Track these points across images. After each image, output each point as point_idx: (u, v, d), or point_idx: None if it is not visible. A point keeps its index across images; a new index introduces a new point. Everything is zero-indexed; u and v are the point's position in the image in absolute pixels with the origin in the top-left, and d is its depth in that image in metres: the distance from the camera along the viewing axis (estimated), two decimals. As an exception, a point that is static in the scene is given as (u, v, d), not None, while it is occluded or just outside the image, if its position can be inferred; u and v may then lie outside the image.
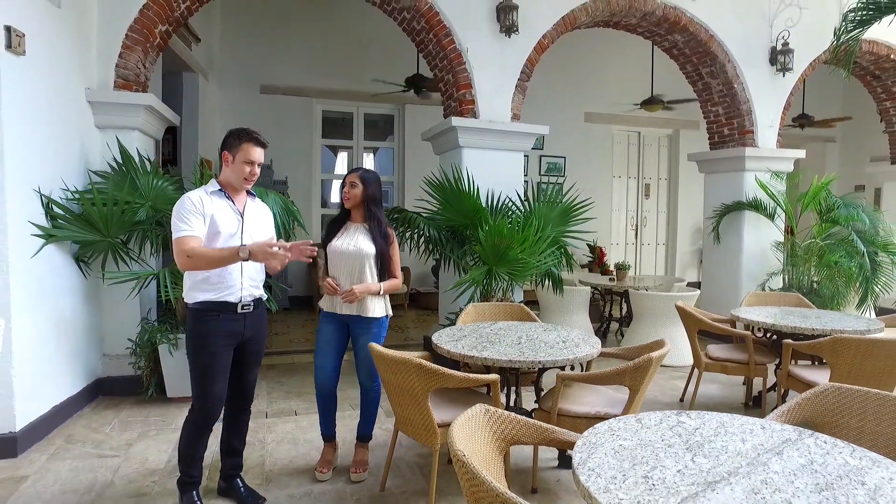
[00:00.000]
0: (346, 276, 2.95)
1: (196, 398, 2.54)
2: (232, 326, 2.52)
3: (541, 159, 9.42)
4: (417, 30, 5.36)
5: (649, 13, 5.87)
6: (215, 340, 2.48)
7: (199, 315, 2.47)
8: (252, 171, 2.52)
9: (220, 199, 2.52)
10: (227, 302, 2.49)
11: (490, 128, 5.12)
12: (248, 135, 2.51)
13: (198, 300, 2.47)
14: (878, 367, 3.10)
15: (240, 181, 2.53)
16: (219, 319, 2.48)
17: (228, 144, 2.52)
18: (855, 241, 5.48)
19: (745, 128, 6.47)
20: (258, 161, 2.53)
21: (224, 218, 2.49)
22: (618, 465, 1.55)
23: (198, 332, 2.48)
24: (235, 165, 2.50)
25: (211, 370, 2.49)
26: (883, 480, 1.49)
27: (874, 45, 6.76)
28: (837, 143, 11.47)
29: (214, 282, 2.47)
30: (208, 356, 2.48)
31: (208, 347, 2.47)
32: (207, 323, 2.47)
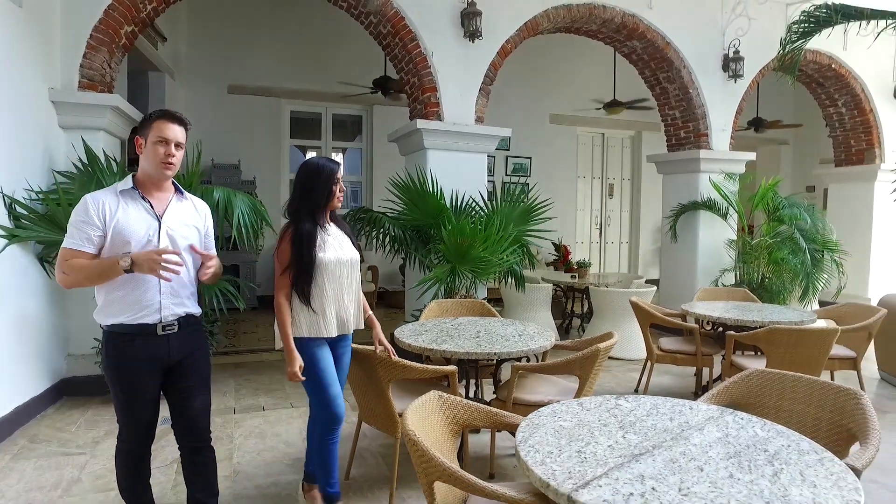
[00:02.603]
0: (346, 293, 2.55)
1: (123, 427, 2.20)
2: (153, 351, 2.13)
3: (507, 160, 9.63)
4: (384, 34, 5.48)
5: (608, 20, 6.10)
6: (133, 368, 2.12)
7: (112, 340, 2.11)
8: (168, 152, 2.10)
9: (133, 199, 2.12)
10: (143, 324, 2.11)
11: (454, 130, 5.27)
12: (161, 111, 2.15)
13: (108, 323, 2.10)
14: (807, 354, 3.36)
15: (156, 167, 2.11)
16: (134, 345, 2.10)
17: (140, 128, 2.15)
18: (797, 239, 5.80)
19: (700, 131, 6.76)
20: (174, 140, 2.11)
21: (134, 223, 2.09)
22: (555, 442, 1.72)
23: (112, 359, 2.12)
24: (148, 149, 2.10)
25: (133, 401, 2.15)
26: (782, 447, 1.69)
27: (817, 55, 7.14)
28: (791, 145, 11.98)
29: (128, 303, 2.09)
30: (127, 385, 2.13)
31: (125, 376, 2.12)
32: (121, 349, 2.10)
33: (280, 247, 2.45)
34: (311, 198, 2.48)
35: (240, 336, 6.37)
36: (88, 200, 2.07)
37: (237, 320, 7.11)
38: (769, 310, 4.32)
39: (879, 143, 7.81)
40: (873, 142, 7.81)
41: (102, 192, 2.12)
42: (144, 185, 2.16)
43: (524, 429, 1.81)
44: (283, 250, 2.44)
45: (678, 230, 6.78)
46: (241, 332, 6.60)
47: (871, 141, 7.82)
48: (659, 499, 1.40)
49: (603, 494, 1.42)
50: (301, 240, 2.42)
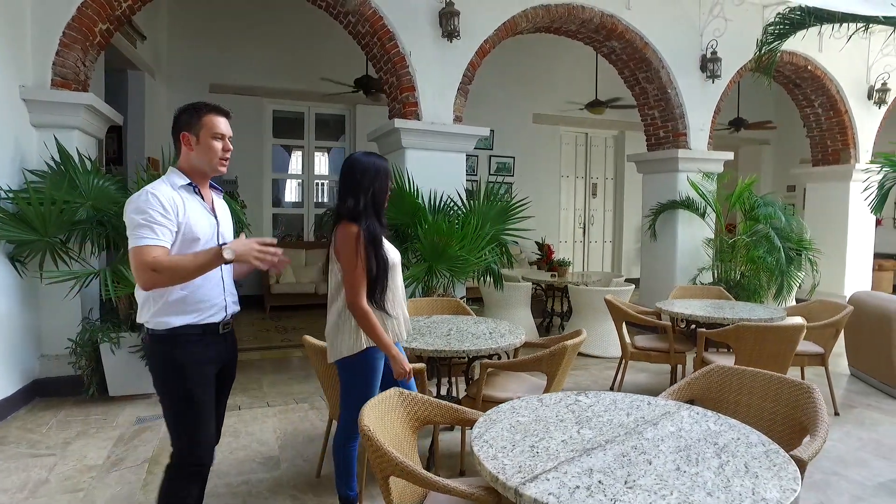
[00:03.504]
0: (403, 295, 2.51)
1: (183, 446, 2.03)
2: (216, 351, 2.07)
3: (490, 159, 9.67)
4: (362, 33, 5.49)
5: (587, 20, 6.15)
6: (203, 370, 2.02)
7: (176, 340, 1.98)
8: (226, 147, 2.07)
9: (191, 195, 2.04)
10: (210, 324, 2.04)
11: (432, 129, 5.29)
12: (207, 105, 2.05)
13: (172, 325, 1.97)
14: (774, 350, 3.41)
15: (213, 163, 2.05)
16: (202, 343, 2.02)
17: (186, 123, 2.03)
18: (773, 238, 5.88)
19: (678, 131, 6.82)
20: (228, 133, 2.08)
21: (200, 220, 2.02)
22: (510, 437, 1.74)
23: (176, 361, 1.98)
24: (202, 145, 2.02)
25: (198, 408, 2.01)
26: (731, 440, 1.73)
27: (793, 57, 7.23)
28: (772, 145, 12.12)
29: (194, 301, 2.00)
30: (199, 390, 2.00)
31: (196, 380, 1.99)
32: (188, 348, 1.98)
33: (347, 249, 2.27)
34: (376, 197, 2.37)
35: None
36: (157, 195, 1.92)
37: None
38: (741, 307, 4.39)
39: (854, 144, 7.93)
40: (848, 142, 7.93)
41: (163, 187, 1.97)
42: (194, 180, 2.08)
43: (481, 424, 1.83)
44: (354, 252, 2.27)
45: (658, 229, 6.84)
46: (221, 332, 6.58)
47: (846, 141, 7.94)
48: (604, 491, 1.43)
49: (549, 488, 1.44)
50: (376, 242, 2.32)
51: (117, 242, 4.13)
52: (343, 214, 2.34)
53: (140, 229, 1.87)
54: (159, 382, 2.03)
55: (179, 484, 2.05)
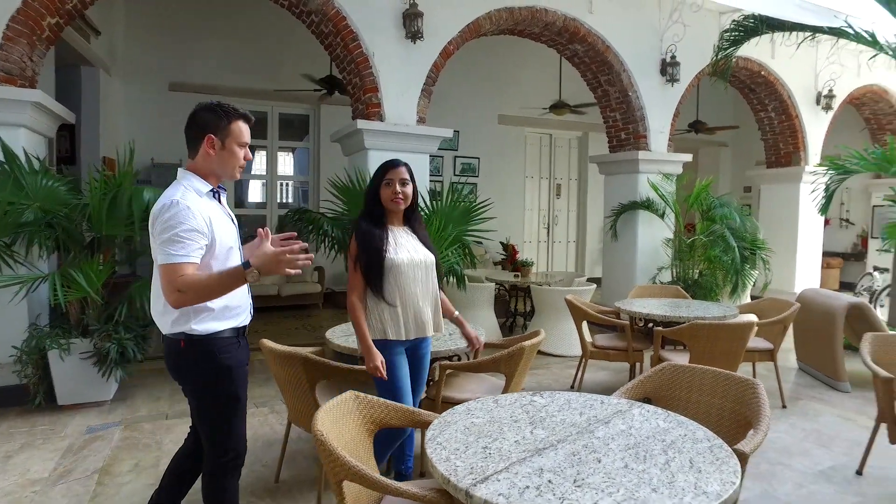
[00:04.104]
0: (420, 296, 2.55)
1: (226, 443, 2.07)
2: (246, 352, 2.14)
3: (455, 160, 9.70)
4: (325, 33, 5.44)
5: (550, 23, 6.22)
6: (243, 371, 2.09)
7: (218, 344, 2.00)
8: (246, 157, 2.06)
9: (213, 202, 2.02)
10: (241, 327, 2.10)
11: (395, 130, 5.28)
12: (237, 111, 2.02)
13: (216, 330, 2.00)
14: (726, 347, 3.52)
15: (234, 170, 2.04)
16: (238, 345, 2.08)
17: (212, 125, 1.98)
18: (728, 238, 6.06)
19: (639, 132, 6.96)
20: (249, 142, 2.08)
21: (226, 228, 2.03)
22: (463, 439, 1.75)
23: (223, 364, 2.00)
24: (227, 151, 2.00)
25: (240, 407, 2.08)
26: (679, 437, 1.77)
27: (748, 63, 7.47)
28: (730, 147, 12.48)
29: (233, 307, 2.04)
30: (241, 389, 2.07)
31: (239, 380, 2.05)
32: (230, 352, 2.03)
33: (350, 246, 2.54)
34: (369, 199, 2.57)
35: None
36: (191, 206, 1.87)
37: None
38: (696, 306, 4.51)
39: (804, 147, 8.24)
40: (799, 145, 8.23)
41: (190, 195, 1.92)
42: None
43: (435, 426, 1.84)
44: (351, 249, 2.52)
45: (619, 229, 6.97)
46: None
47: (796, 144, 8.24)
48: (553, 491, 1.45)
49: (499, 489, 1.46)
50: (361, 238, 2.48)
51: (67, 245, 4.00)
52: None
53: (169, 245, 1.83)
54: (205, 385, 2.03)
55: (226, 482, 2.11)
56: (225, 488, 2.11)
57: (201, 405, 2.07)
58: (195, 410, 2.10)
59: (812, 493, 2.97)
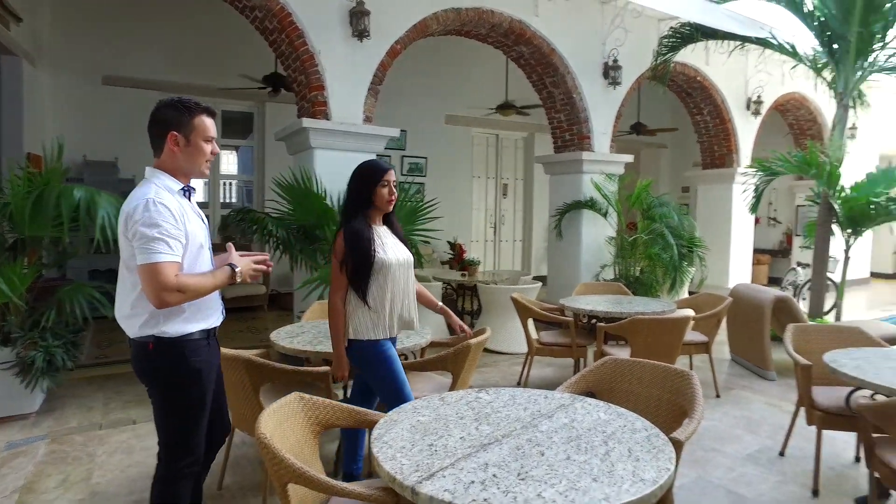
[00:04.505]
0: (403, 295, 2.60)
1: (184, 447, 2.05)
2: (215, 354, 2.15)
3: (403, 159, 9.67)
4: (270, 29, 5.32)
5: (497, 25, 6.30)
6: (211, 373, 2.09)
7: (189, 346, 1.99)
8: (213, 151, 2.04)
9: (184, 199, 2.02)
10: (213, 328, 2.11)
11: (342, 129, 5.22)
12: (199, 106, 2.00)
13: (188, 332, 1.99)
14: (665, 340, 3.67)
15: (201, 167, 2.02)
16: (209, 347, 2.07)
17: (175, 122, 1.95)
18: (667, 236, 6.30)
19: (583, 134, 7.14)
20: (215, 136, 2.06)
21: (198, 226, 2.02)
22: (410, 437, 1.76)
23: (193, 366, 2.00)
24: (193, 147, 1.98)
25: (205, 409, 2.07)
26: (619, 428, 1.84)
27: (685, 68, 7.79)
28: (669, 149, 12.97)
29: (205, 308, 2.04)
30: (205, 392, 2.05)
31: (205, 382, 2.05)
32: (201, 354, 2.02)
33: (335, 247, 2.50)
34: (358, 198, 2.53)
35: (115, 346, 5.93)
36: (166, 204, 1.87)
37: (113, 328, 6.59)
38: (637, 302, 4.67)
39: (736, 149, 8.67)
40: (731, 147, 8.65)
41: (164, 194, 1.91)
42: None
43: (381, 426, 1.84)
44: (338, 249, 2.48)
45: (563, 228, 7.13)
46: (116, 340, 6.15)
47: (729, 147, 8.66)
48: (497, 484, 1.48)
49: (445, 484, 1.47)
50: (353, 238, 2.46)
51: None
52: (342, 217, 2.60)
53: (154, 243, 1.82)
54: (171, 388, 2.01)
55: (180, 488, 2.07)
56: (178, 494, 2.07)
57: (167, 408, 2.04)
58: (159, 412, 2.06)
59: (741, 476, 3.14)
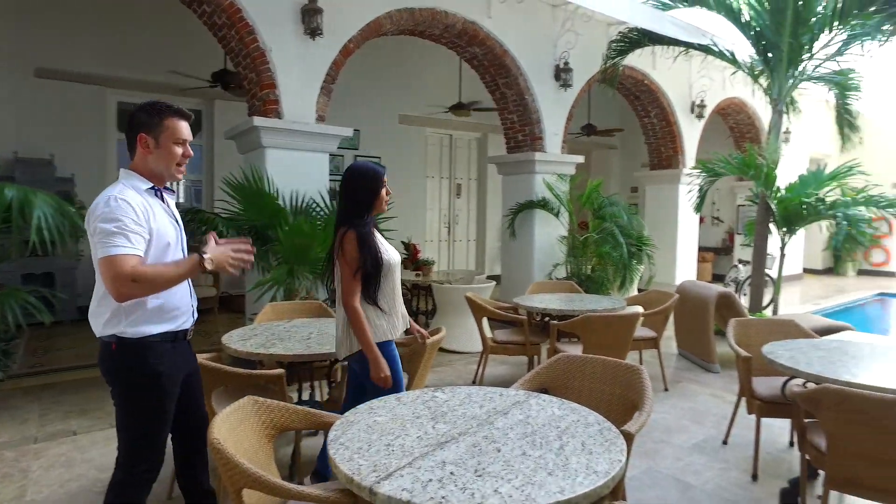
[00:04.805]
0: (398, 295, 2.62)
1: (142, 454, 2.02)
2: (185, 357, 2.11)
3: (356, 159, 9.59)
4: (219, 25, 5.18)
5: (450, 26, 6.33)
6: (173, 378, 2.03)
7: (151, 349, 1.96)
8: (185, 153, 2.04)
9: (154, 199, 2.02)
10: (181, 330, 2.08)
11: (294, 128, 5.14)
12: (170, 108, 2.02)
13: (149, 334, 1.96)
14: (615, 337, 3.78)
15: (171, 169, 2.03)
16: (175, 351, 2.04)
17: (144, 124, 1.98)
18: (616, 235, 6.48)
19: (535, 135, 7.26)
20: (189, 139, 2.06)
21: (166, 224, 2.02)
22: (367, 438, 1.76)
23: (152, 370, 1.96)
24: (163, 149, 1.99)
25: (165, 416, 2.04)
26: (573, 423, 1.89)
27: (633, 72, 8.03)
28: (619, 150, 13.33)
29: (169, 309, 2.01)
30: (165, 398, 2.02)
31: (165, 387, 2.00)
32: (163, 357, 1.99)
33: (345, 250, 2.43)
34: (362, 201, 2.51)
35: (53, 353, 5.66)
36: (129, 201, 1.89)
37: (51, 335, 6.30)
38: (589, 300, 4.78)
39: (682, 151, 9.00)
40: (677, 149, 8.98)
41: (130, 192, 1.94)
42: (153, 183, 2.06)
43: (337, 427, 1.83)
44: (349, 252, 2.42)
45: (516, 228, 7.23)
46: (54, 348, 5.87)
47: (675, 148, 8.98)
48: (455, 482, 1.49)
49: (403, 484, 1.48)
50: (366, 241, 2.45)
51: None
52: (338, 219, 2.55)
53: (113, 237, 1.83)
54: (129, 391, 2.00)
55: (135, 496, 2.04)
56: (131, 501, 2.03)
57: (126, 410, 2.01)
58: (119, 414, 2.03)
59: (688, 465, 3.27)
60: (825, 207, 5.43)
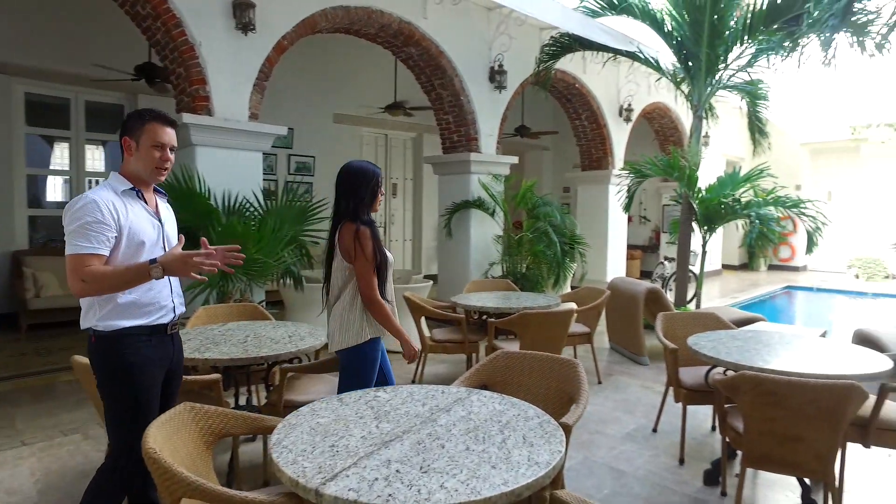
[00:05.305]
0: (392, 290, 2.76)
1: (123, 447, 2.06)
2: (163, 351, 2.16)
3: (290, 158, 9.39)
4: (143, 15, 4.94)
5: (386, 25, 6.31)
6: (151, 369, 2.09)
7: (125, 342, 2.04)
8: (164, 157, 2.12)
9: (134, 200, 2.11)
10: (159, 325, 2.13)
11: (226, 126, 4.98)
12: (152, 113, 2.12)
13: (119, 327, 2.03)
14: (551, 333, 3.90)
15: (150, 171, 2.12)
16: (151, 344, 2.10)
17: (128, 128, 2.10)
18: (550, 234, 6.68)
19: (470, 135, 7.36)
20: (170, 144, 2.13)
21: (144, 224, 2.10)
22: (310, 440, 1.74)
23: (124, 362, 2.03)
24: (141, 152, 2.09)
25: (147, 405, 2.07)
26: (513, 417, 1.94)
27: (565, 75, 8.29)
28: (551, 151, 13.70)
29: (143, 304, 2.07)
30: (144, 388, 2.07)
31: (143, 377, 2.06)
32: (136, 350, 2.05)
33: (363, 246, 2.51)
34: (365, 199, 2.61)
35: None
36: (98, 200, 1.98)
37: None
38: (525, 297, 4.91)
39: (611, 153, 9.37)
40: (607, 151, 9.34)
41: (104, 192, 2.04)
42: (136, 185, 2.14)
43: (280, 430, 1.81)
44: (367, 247, 2.52)
45: (453, 228, 7.30)
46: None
47: (605, 150, 9.34)
48: (401, 479, 1.51)
49: (349, 484, 1.48)
50: (376, 237, 2.58)
51: None
52: (342, 215, 2.61)
53: (74, 237, 1.93)
54: (106, 383, 2.08)
55: (111, 486, 2.09)
56: (111, 493, 2.09)
57: (106, 402, 2.09)
58: (105, 405, 2.11)
59: (621, 453, 3.43)
60: (741, 207, 5.80)
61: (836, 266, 13.14)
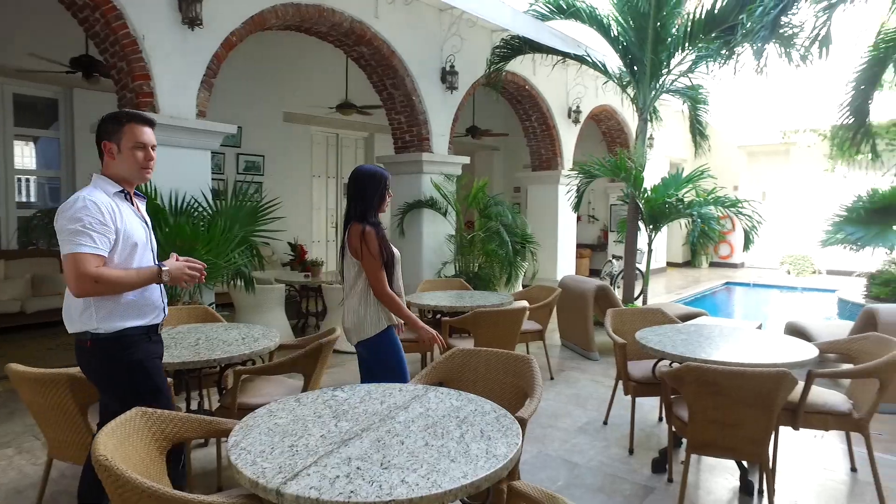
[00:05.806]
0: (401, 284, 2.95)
1: None
2: (159, 349, 2.25)
3: (238, 157, 9.18)
4: (79, 5, 4.72)
5: (337, 24, 6.26)
6: (156, 364, 2.19)
7: (126, 341, 2.09)
8: (147, 157, 2.14)
9: (124, 202, 2.13)
10: (154, 325, 2.20)
11: (172, 124, 4.82)
12: (129, 114, 2.14)
13: (123, 328, 2.07)
14: (504, 331, 3.98)
15: (136, 172, 2.14)
16: (150, 341, 2.18)
17: (107, 132, 2.10)
18: (502, 233, 6.79)
19: (422, 135, 7.38)
20: (150, 143, 2.14)
21: (135, 226, 2.13)
22: (269, 441, 1.73)
23: (134, 358, 2.10)
24: (124, 154, 2.10)
25: (160, 394, 2.15)
26: (471, 412, 1.98)
27: (515, 77, 8.42)
28: (501, 151, 13.87)
29: (143, 305, 2.13)
30: (153, 383, 2.14)
31: (150, 372, 2.14)
32: (139, 347, 2.12)
33: (370, 247, 2.68)
34: (375, 200, 2.77)
35: None
36: (95, 201, 1.99)
37: None
38: (478, 296, 4.97)
39: (560, 153, 9.58)
40: (556, 151, 9.54)
41: (97, 193, 2.05)
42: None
43: (237, 432, 1.79)
44: (373, 246, 2.69)
45: (406, 227, 7.31)
46: None
47: (554, 151, 9.54)
48: (362, 476, 1.52)
49: (311, 482, 1.48)
50: (384, 236, 2.76)
51: None
52: (353, 216, 2.76)
53: (78, 236, 1.92)
54: (118, 381, 2.10)
55: None
56: None
57: (125, 403, 1.98)
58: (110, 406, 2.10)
59: (574, 446, 3.53)
60: (684, 207, 6.06)
61: (771, 262, 13.86)
